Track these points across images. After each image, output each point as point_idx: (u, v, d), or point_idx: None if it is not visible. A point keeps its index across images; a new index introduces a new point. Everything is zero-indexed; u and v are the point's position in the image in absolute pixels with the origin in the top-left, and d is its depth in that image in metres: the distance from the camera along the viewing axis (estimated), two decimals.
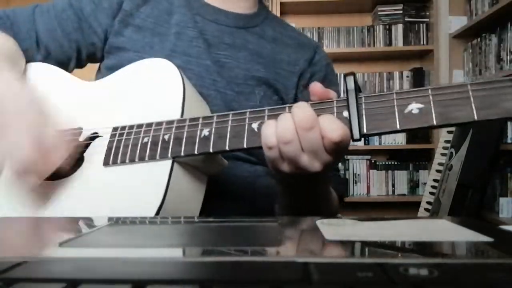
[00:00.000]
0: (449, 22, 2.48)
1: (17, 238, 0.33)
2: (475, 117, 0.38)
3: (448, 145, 2.14)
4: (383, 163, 2.67)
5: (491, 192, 2.11)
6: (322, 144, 0.41)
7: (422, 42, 2.60)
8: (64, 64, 0.70)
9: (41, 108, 0.50)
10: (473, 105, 0.38)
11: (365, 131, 0.41)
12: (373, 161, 2.68)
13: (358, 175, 2.66)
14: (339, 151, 0.41)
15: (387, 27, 2.62)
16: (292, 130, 0.41)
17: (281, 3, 2.56)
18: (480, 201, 1.95)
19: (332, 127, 0.40)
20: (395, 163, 2.66)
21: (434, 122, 0.39)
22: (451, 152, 2.08)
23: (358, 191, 2.66)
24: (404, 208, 2.52)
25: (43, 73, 0.67)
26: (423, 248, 0.26)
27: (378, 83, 2.66)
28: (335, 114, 0.43)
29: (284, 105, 0.45)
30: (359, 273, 0.19)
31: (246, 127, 0.46)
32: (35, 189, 0.52)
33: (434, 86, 0.40)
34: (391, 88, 2.63)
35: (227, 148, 0.47)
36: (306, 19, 2.72)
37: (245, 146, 0.46)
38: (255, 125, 0.46)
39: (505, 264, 0.20)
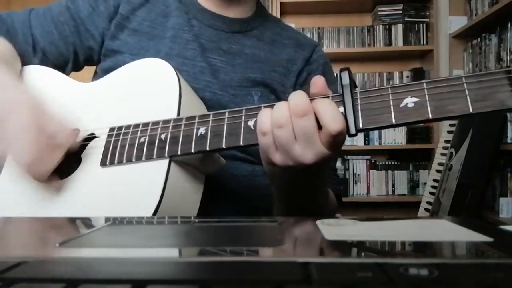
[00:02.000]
0: (449, 22, 2.48)
1: (17, 238, 0.33)
2: (471, 110, 0.38)
3: (448, 145, 2.14)
4: (383, 163, 2.67)
5: (491, 192, 2.11)
6: (315, 133, 0.40)
7: (422, 42, 2.60)
8: (61, 67, 0.70)
9: (38, 102, 0.51)
10: (468, 97, 0.38)
11: (361, 126, 0.41)
12: (373, 161, 2.68)
13: (358, 175, 2.66)
14: (335, 144, 0.40)
15: (387, 27, 2.62)
16: (286, 115, 0.41)
17: (281, 3, 2.56)
18: (480, 201, 1.95)
19: (331, 117, 0.40)
20: (395, 163, 2.66)
21: (430, 116, 0.39)
22: (451, 152, 2.08)
23: (358, 191, 2.66)
24: (404, 208, 2.51)
25: (40, 76, 0.67)
26: (423, 248, 0.26)
27: (378, 83, 2.66)
28: (335, 104, 0.42)
29: (281, 102, 0.45)
30: (359, 273, 0.19)
31: (242, 125, 0.46)
32: (42, 184, 0.53)
33: (429, 80, 0.40)
34: None
35: (223, 146, 0.47)
36: (306, 19, 2.72)
37: (241, 143, 0.46)
38: (251, 123, 0.46)
39: (505, 264, 0.20)
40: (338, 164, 2.64)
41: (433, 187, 2.22)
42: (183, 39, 0.67)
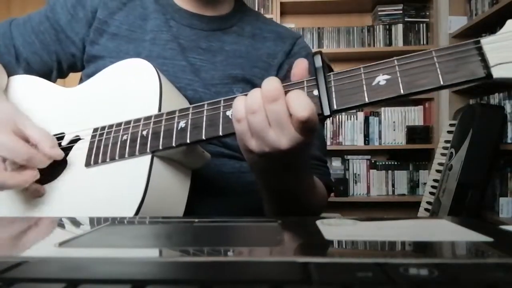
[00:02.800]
0: (449, 22, 2.48)
1: (17, 238, 0.33)
2: (441, 82, 0.39)
3: (448, 145, 2.14)
4: (383, 163, 2.67)
5: (491, 192, 2.11)
6: (286, 118, 0.41)
7: (422, 42, 2.60)
8: (46, 76, 0.71)
9: (11, 110, 0.54)
10: (438, 70, 0.39)
11: (335, 107, 0.42)
12: (373, 161, 2.68)
13: (358, 175, 2.66)
14: (307, 128, 0.41)
15: (387, 27, 2.62)
16: (259, 101, 0.41)
17: (281, 3, 2.56)
18: (480, 201, 1.95)
19: (299, 104, 0.40)
20: (395, 163, 2.66)
21: (402, 91, 0.40)
22: (451, 152, 2.08)
23: (358, 191, 2.66)
24: (404, 208, 2.51)
25: (25, 84, 0.68)
26: (423, 248, 0.26)
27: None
28: (305, 93, 0.43)
29: (255, 89, 0.46)
30: (359, 273, 0.19)
31: (221, 115, 0.47)
32: (22, 192, 0.54)
33: (400, 57, 0.41)
34: None
35: (203, 137, 0.47)
36: (306, 19, 2.72)
37: (220, 133, 0.46)
38: (229, 113, 0.46)
39: (505, 264, 0.20)
40: (338, 164, 2.64)
41: (433, 187, 2.22)
42: (162, 40, 0.67)
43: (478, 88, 2.28)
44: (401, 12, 2.62)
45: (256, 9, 2.62)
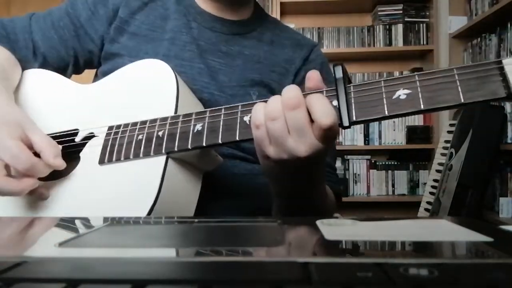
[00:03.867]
0: (449, 22, 2.48)
1: (17, 238, 0.33)
2: (462, 100, 0.39)
3: (448, 145, 2.14)
4: (383, 163, 2.67)
5: (491, 192, 2.11)
6: (307, 126, 0.41)
7: (422, 42, 2.60)
8: (61, 71, 0.71)
9: (15, 114, 0.53)
10: (459, 88, 0.39)
11: (354, 118, 0.42)
12: (373, 161, 2.68)
13: (358, 175, 2.66)
14: (327, 137, 0.41)
15: (387, 27, 2.62)
16: (279, 108, 0.41)
17: (281, 3, 2.56)
18: (480, 201, 1.95)
19: (322, 110, 0.40)
20: (395, 163, 2.66)
21: (422, 107, 0.40)
22: (451, 152, 2.08)
23: (358, 191, 2.66)
24: (404, 208, 2.51)
25: (40, 79, 0.68)
26: (423, 248, 0.26)
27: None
28: (326, 97, 0.43)
29: (275, 96, 0.46)
30: (359, 273, 0.19)
31: (238, 120, 0.47)
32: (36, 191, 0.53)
33: (421, 72, 0.41)
34: None
35: (219, 141, 0.47)
36: (306, 19, 2.72)
37: (237, 138, 0.46)
38: (247, 118, 0.46)
39: (505, 264, 0.20)
40: (338, 164, 2.64)
41: (433, 187, 2.22)
42: (181, 41, 0.67)
43: None
44: (401, 12, 2.62)
45: None
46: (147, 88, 0.57)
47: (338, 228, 0.30)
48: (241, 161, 0.66)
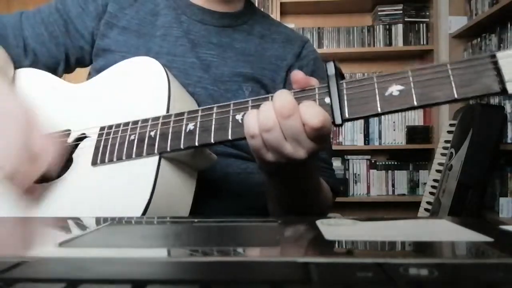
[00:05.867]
0: (449, 22, 2.48)
1: (17, 238, 0.33)
2: (455, 96, 0.38)
3: (448, 145, 2.14)
4: (383, 163, 2.67)
5: (491, 192, 2.11)
6: (303, 131, 0.41)
7: (422, 42, 2.59)
8: (52, 69, 0.71)
9: (28, 112, 0.51)
10: (453, 83, 0.38)
11: (347, 115, 0.41)
12: (373, 161, 2.68)
13: (358, 175, 2.66)
14: (321, 137, 0.41)
15: (387, 27, 2.62)
16: (273, 118, 0.41)
17: (281, 3, 2.55)
18: (480, 201, 1.95)
19: (311, 114, 0.40)
20: (395, 163, 2.66)
21: (415, 103, 0.39)
22: (451, 152, 2.08)
23: (358, 191, 2.66)
24: (404, 208, 2.51)
25: (32, 78, 0.67)
26: (423, 248, 0.26)
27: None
28: (317, 101, 0.43)
29: (267, 95, 0.45)
30: (359, 273, 0.19)
31: (230, 119, 0.46)
32: (26, 192, 0.52)
33: (414, 68, 0.41)
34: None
35: (212, 141, 0.47)
36: (306, 19, 2.72)
37: (229, 137, 0.46)
38: (239, 117, 0.46)
39: (505, 264, 0.20)
40: (338, 164, 2.64)
41: (433, 187, 2.22)
42: (172, 36, 0.67)
43: None
44: (401, 12, 2.62)
45: None
46: (138, 87, 0.57)
47: (338, 228, 0.30)
48: (235, 159, 0.66)
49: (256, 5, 2.64)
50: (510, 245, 0.25)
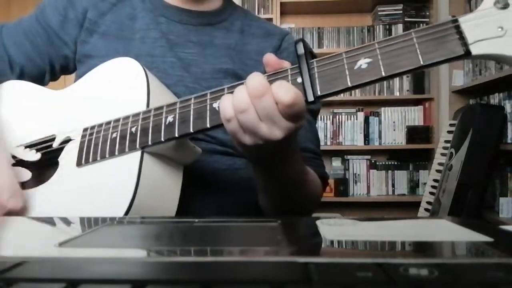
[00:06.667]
0: None
1: (17, 238, 0.33)
2: (421, 62, 0.39)
3: (448, 145, 2.14)
4: (383, 163, 2.67)
5: (491, 192, 2.11)
6: (277, 110, 0.41)
7: None
8: (39, 79, 0.71)
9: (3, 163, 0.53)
10: (418, 51, 0.39)
11: (319, 92, 0.42)
12: (373, 161, 2.68)
13: (358, 175, 2.66)
14: (295, 114, 0.42)
15: (387, 27, 2.62)
16: (246, 99, 0.42)
17: (281, 3, 2.56)
18: (480, 201, 1.95)
19: (282, 91, 0.41)
20: (395, 163, 2.66)
21: (383, 74, 0.40)
22: (451, 152, 2.08)
23: (358, 191, 2.66)
24: (404, 208, 2.51)
25: (15, 90, 0.68)
26: (423, 248, 0.26)
27: (378, 83, 2.66)
28: (289, 81, 0.44)
29: (242, 81, 0.46)
30: (359, 273, 0.19)
31: (208, 107, 0.47)
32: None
33: (381, 40, 0.42)
34: (391, 88, 2.63)
35: (191, 130, 0.47)
36: (306, 19, 2.72)
37: (208, 126, 0.47)
38: (216, 105, 0.47)
39: (505, 264, 0.20)
40: (338, 164, 2.64)
41: (433, 187, 2.22)
42: (150, 38, 0.68)
43: (478, 88, 2.28)
44: (401, 12, 2.62)
45: (256, 9, 2.63)
46: (118, 87, 0.58)
47: (338, 228, 0.30)
48: (221, 155, 0.66)
49: (256, 5, 2.65)
50: (510, 245, 0.25)
